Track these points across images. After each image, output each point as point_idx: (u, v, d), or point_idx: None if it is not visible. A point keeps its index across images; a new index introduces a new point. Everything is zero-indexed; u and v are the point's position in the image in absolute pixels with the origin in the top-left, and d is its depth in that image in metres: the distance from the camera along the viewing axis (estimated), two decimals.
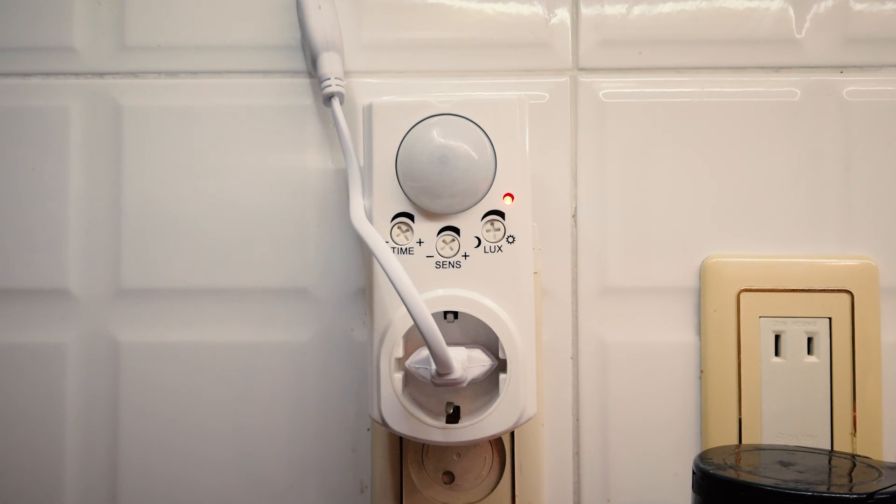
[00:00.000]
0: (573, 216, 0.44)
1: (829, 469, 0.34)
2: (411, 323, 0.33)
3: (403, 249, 0.36)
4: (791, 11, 0.43)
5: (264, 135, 0.44)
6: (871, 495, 0.29)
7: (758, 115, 0.43)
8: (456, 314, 0.36)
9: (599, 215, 0.43)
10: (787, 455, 0.36)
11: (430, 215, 0.36)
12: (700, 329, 0.43)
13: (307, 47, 0.43)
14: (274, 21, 0.44)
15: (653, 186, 0.43)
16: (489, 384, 0.36)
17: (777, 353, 0.42)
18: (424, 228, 0.36)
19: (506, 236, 0.36)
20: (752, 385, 0.41)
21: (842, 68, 0.43)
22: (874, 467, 0.34)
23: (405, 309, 0.32)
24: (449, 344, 0.32)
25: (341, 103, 0.41)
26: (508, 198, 0.36)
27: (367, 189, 0.37)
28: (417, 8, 0.44)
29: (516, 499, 0.40)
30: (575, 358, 0.43)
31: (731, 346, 0.42)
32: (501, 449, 0.40)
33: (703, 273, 0.43)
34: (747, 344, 0.42)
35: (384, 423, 0.35)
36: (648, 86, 0.44)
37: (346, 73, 0.44)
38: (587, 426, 0.43)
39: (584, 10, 0.44)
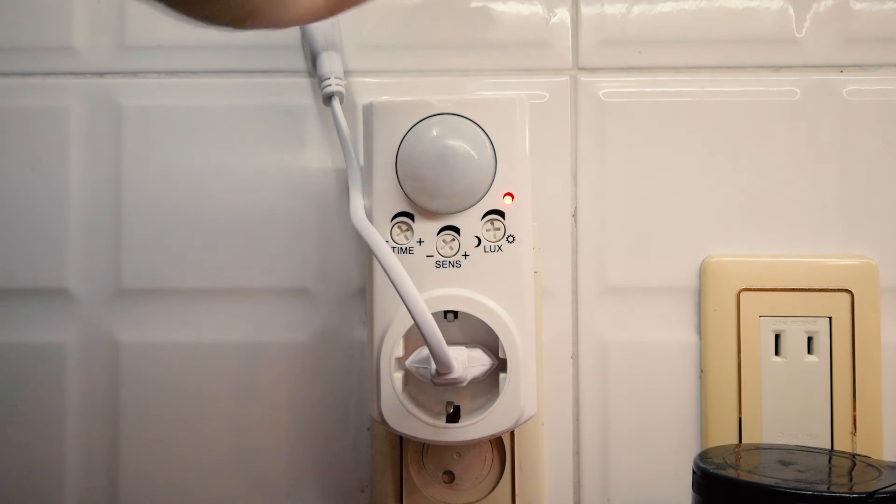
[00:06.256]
0: (573, 216, 0.44)
1: (830, 468, 0.34)
2: (411, 322, 0.33)
3: (403, 249, 0.36)
4: (791, 11, 0.43)
5: (264, 135, 0.44)
6: (870, 494, 0.29)
7: (758, 115, 0.43)
8: (456, 314, 0.36)
9: (599, 215, 0.43)
10: (787, 454, 0.36)
11: (430, 215, 0.36)
12: (700, 329, 0.43)
13: (307, 47, 0.43)
14: None
15: (653, 186, 0.43)
16: (489, 384, 0.36)
17: (777, 353, 0.42)
18: (424, 228, 0.36)
19: (506, 236, 0.36)
20: (752, 384, 0.41)
21: (842, 68, 0.43)
22: (874, 467, 0.34)
23: (405, 308, 0.32)
24: (449, 343, 0.32)
25: (341, 103, 0.41)
26: (508, 197, 0.36)
27: (367, 189, 0.37)
28: (417, 8, 0.44)
29: (516, 498, 0.40)
30: (575, 358, 0.43)
31: (731, 345, 0.42)
32: (501, 448, 0.40)
33: (703, 273, 0.43)
34: (747, 343, 0.42)
35: (384, 423, 0.35)
36: (648, 85, 0.44)
37: (346, 73, 0.44)
38: (587, 426, 0.43)
39: (584, 10, 0.44)
